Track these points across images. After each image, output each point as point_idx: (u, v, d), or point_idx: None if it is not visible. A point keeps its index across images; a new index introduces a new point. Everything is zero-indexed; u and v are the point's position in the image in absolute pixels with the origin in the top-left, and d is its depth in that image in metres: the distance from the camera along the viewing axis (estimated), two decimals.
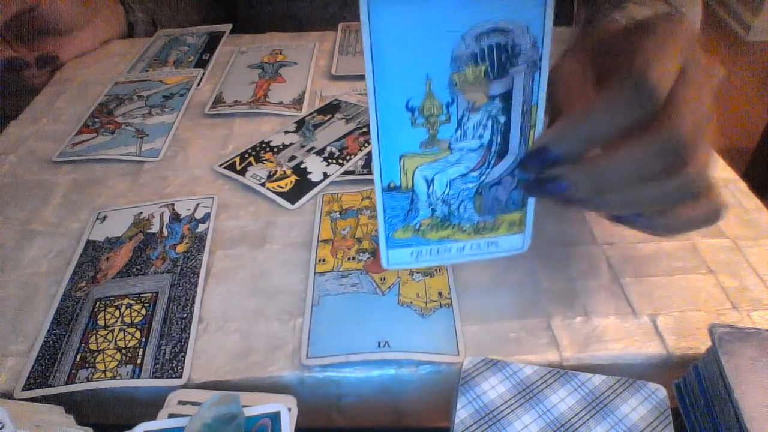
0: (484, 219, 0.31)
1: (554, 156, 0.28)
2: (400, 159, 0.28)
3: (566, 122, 0.28)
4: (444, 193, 0.30)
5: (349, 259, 0.38)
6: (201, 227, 0.41)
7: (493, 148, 0.29)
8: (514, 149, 0.29)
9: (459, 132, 0.28)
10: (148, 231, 0.41)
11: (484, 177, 0.30)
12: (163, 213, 0.42)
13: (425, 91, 0.26)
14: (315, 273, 0.37)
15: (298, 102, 0.54)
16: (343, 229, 0.40)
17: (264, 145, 0.48)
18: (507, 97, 0.27)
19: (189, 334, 0.34)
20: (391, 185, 0.29)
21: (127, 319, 0.35)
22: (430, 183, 0.29)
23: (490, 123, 0.28)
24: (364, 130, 0.50)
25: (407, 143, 0.28)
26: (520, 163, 0.29)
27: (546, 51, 0.26)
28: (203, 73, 0.60)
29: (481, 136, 0.28)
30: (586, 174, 0.28)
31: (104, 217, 0.42)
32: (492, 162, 0.29)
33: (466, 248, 0.32)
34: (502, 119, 0.28)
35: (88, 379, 0.31)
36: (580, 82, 0.32)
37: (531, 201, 0.31)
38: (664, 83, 0.26)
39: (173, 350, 0.33)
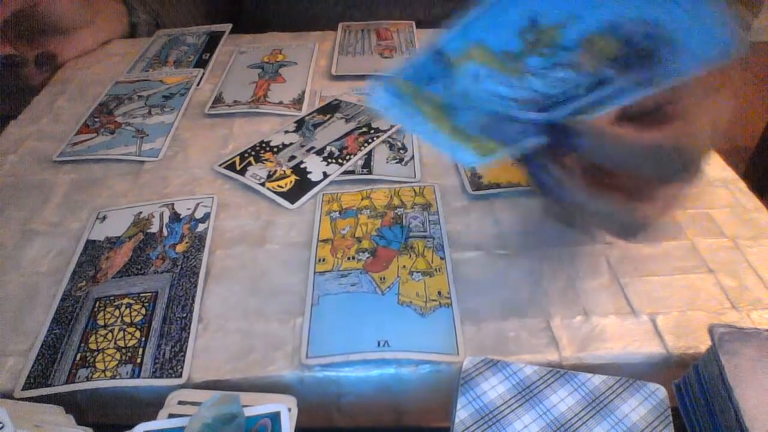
0: (469, 128, 0.29)
1: (574, 142, 0.28)
2: (473, 43, 0.27)
3: (607, 129, 0.28)
4: (473, 93, 0.28)
5: (348, 258, 0.38)
6: (201, 227, 0.41)
7: (545, 102, 0.27)
8: (556, 116, 0.28)
9: (542, 72, 0.27)
10: (148, 231, 0.41)
11: (513, 113, 0.28)
12: (163, 213, 0.42)
13: (560, 22, 0.25)
14: (315, 272, 0.37)
15: (297, 102, 0.54)
16: (343, 229, 0.40)
17: (264, 145, 0.48)
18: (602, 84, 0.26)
19: (189, 333, 0.34)
20: (441, 52, 0.27)
21: (127, 319, 0.35)
22: (475, 78, 0.28)
23: (569, 88, 0.27)
24: (364, 129, 0.50)
25: (494, 38, 0.26)
26: (549, 128, 0.28)
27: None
28: (203, 73, 0.60)
29: (552, 88, 0.27)
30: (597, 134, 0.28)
31: (104, 217, 0.42)
32: (533, 109, 0.28)
33: (431, 132, 0.29)
34: (578, 93, 0.27)
35: (87, 379, 0.31)
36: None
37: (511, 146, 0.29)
38: (696, 161, 0.28)
39: (173, 350, 0.33)
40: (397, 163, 0.46)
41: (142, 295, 0.36)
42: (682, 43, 0.24)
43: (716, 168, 0.45)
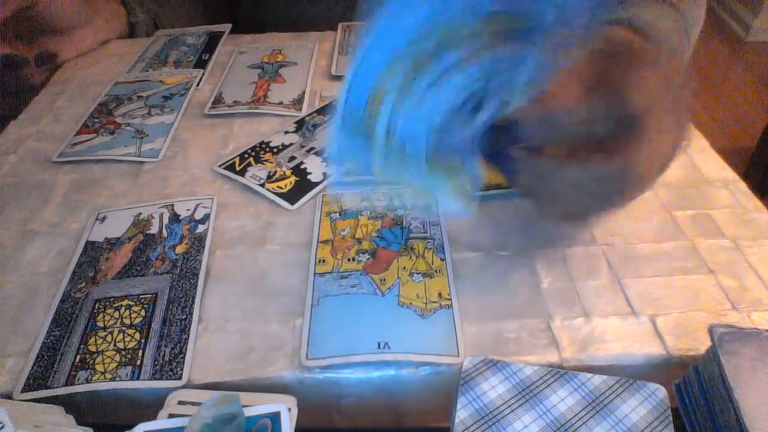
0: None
1: (515, 134, 0.28)
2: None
3: (540, 106, 0.28)
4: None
5: (348, 259, 0.38)
6: (201, 228, 0.41)
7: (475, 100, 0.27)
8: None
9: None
10: (147, 232, 0.41)
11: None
12: (162, 213, 0.42)
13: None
14: (315, 274, 0.37)
15: (297, 102, 0.54)
16: (343, 230, 0.40)
17: (264, 146, 0.48)
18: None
19: (189, 335, 0.34)
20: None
21: (127, 321, 0.35)
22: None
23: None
24: None
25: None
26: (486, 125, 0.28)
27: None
28: (203, 74, 0.60)
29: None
30: (537, 166, 0.29)
31: (104, 218, 0.42)
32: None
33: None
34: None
35: (87, 381, 0.31)
36: (571, 75, 0.32)
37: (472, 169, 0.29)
38: (645, 116, 0.28)
39: (173, 351, 0.33)
40: None
41: (141, 296, 0.36)
42: None
43: (716, 168, 0.45)
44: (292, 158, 0.47)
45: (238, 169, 0.46)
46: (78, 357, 0.33)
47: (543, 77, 0.27)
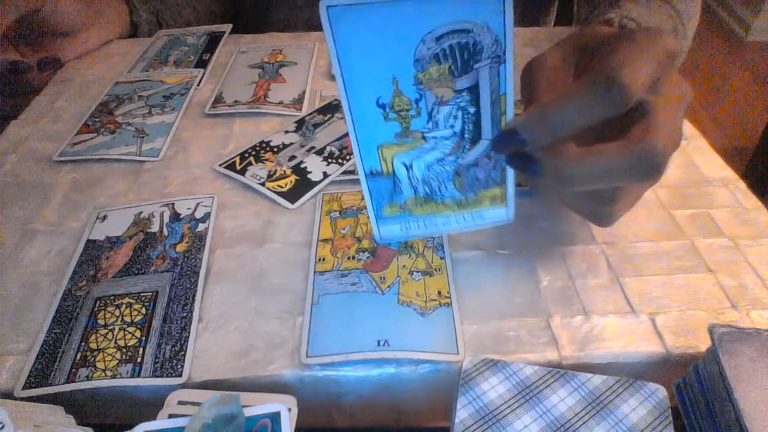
0: (466, 195, 0.32)
1: (522, 140, 0.29)
2: (378, 148, 0.29)
3: (536, 109, 0.29)
4: (423, 175, 0.31)
5: (348, 258, 0.38)
6: (201, 226, 0.41)
7: (466, 135, 0.30)
8: (486, 134, 0.30)
9: (431, 123, 0.29)
10: (148, 230, 0.41)
11: (460, 160, 0.31)
12: (163, 212, 0.42)
13: (393, 89, 0.28)
14: (315, 272, 0.37)
15: (298, 102, 0.54)
16: (343, 229, 0.40)
17: (264, 145, 0.49)
18: (474, 90, 0.28)
19: (189, 333, 0.34)
20: (374, 171, 0.30)
21: (128, 318, 0.35)
22: (409, 168, 0.30)
23: (460, 114, 0.29)
24: None
25: (383, 135, 0.29)
26: (492, 144, 0.30)
27: (509, 45, 0.27)
28: (203, 73, 0.60)
29: (452, 126, 0.29)
30: (556, 169, 0.29)
31: (104, 217, 0.42)
32: (467, 147, 0.30)
33: (452, 221, 0.33)
34: (471, 110, 0.29)
35: (88, 378, 0.31)
36: (560, 75, 0.33)
37: (510, 177, 0.32)
38: (634, 85, 0.27)
39: (173, 349, 0.33)
40: None
41: (142, 294, 0.36)
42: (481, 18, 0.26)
43: (716, 168, 0.45)
44: (293, 157, 0.47)
45: (238, 168, 0.46)
46: (79, 354, 0.33)
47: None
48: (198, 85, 0.58)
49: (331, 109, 0.53)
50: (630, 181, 0.30)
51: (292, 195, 0.43)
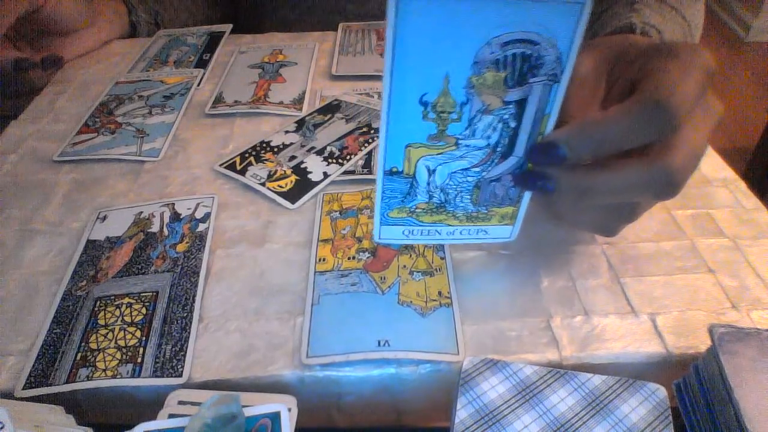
0: (477, 209, 0.32)
1: (561, 153, 0.28)
2: (405, 147, 0.28)
3: (582, 124, 0.28)
4: (444, 183, 0.30)
5: (349, 258, 0.38)
6: (201, 227, 0.41)
7: (498, 149, 0.29)
8: (519, 152, 0.29)
9: (468, 131, 0.28)
10: (148, 230, 0.41)
11: (485, 173, 0.30)
12: (163, 212, 0.42)
13: (442, 88, 0.26)
14: (315, 272, 0.37)
15: (298, 102, 0.54)
16: (344, 229, 0.40)
17: (264, 145, 0.49)
18: (521, 104, 0.27)
19: (189, 333, 0.34)
20: (393, 170, 0.29)
21: (128, 318, 0.35)
22: (431, 173, 0.30)
23: (500, 126, 0.28)
24: (364, 129, 0.50)
25: (415, 134, 0.28)
26: (527, 152, 0.29)
27: (569, 66, 0.26)
28: (203, 73, 0.60)
29: (488, 137, 0.29)
30: (575, 184, 0.29)
31: (105, 217, 0.42)
32: (495, 161, 0.30)
33: (455, 233, 0.33)
34: (512, 124, 0.28)
35: (88, 378, 0.31)
36: (590, 83, 0.32)
37: (526, 198, 0.32)
38: (682, 110, 0.27)
39: (173, 349, 0.33)
40: None
41: (142, 294, 0.36)
42: (545, 30, 0.25)
43: (716, 168, 0.45)
44: (293, 157, 0.47)
45: (238, 168, 0.46)
46: (79, 354, 0.33)
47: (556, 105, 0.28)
48: (198, 85, 0.58)
49: (331, 109, 0.53)
50: (646, 197, 0.30)
51: (293, 195, 0.43)
